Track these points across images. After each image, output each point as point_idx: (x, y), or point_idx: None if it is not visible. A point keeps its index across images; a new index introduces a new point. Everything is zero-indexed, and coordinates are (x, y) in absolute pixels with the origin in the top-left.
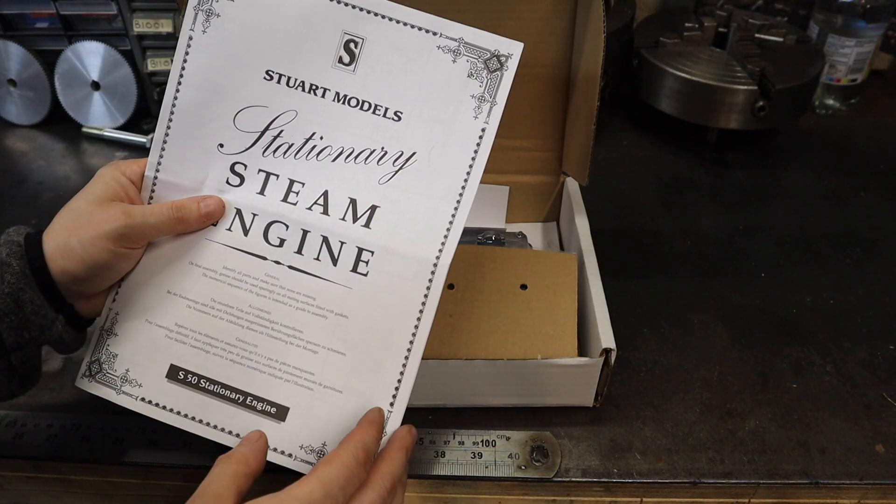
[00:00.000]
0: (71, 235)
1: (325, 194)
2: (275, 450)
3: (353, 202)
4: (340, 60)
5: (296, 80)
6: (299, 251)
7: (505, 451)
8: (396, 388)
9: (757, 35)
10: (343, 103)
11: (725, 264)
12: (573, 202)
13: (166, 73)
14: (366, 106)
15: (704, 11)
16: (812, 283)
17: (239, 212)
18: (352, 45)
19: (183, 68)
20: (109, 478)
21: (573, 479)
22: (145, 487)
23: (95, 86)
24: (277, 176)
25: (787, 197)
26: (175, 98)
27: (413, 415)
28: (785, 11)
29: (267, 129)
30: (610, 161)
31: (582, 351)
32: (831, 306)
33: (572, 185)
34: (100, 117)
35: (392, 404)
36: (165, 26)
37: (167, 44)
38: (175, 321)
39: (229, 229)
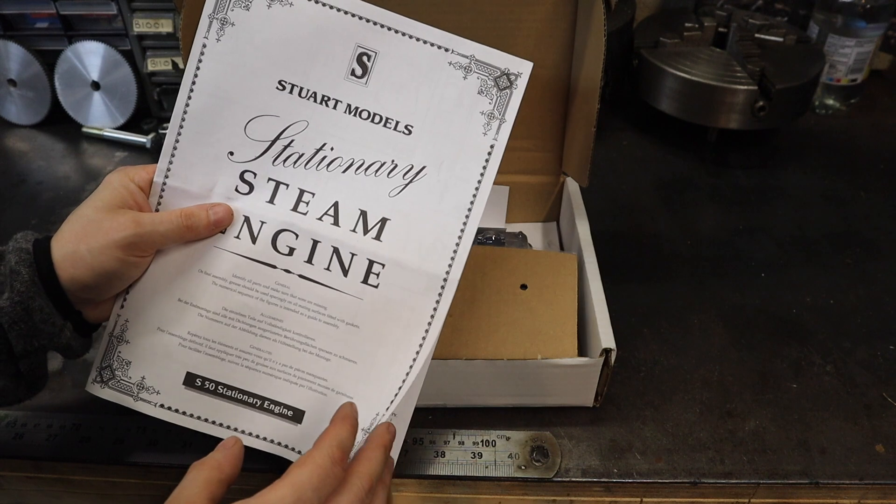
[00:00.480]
0: (80, 243)
1: (336, 205)
2: (293, 449)
3: (363, 214)
4: (353, 73)
5: (308, 90)
6: (309, 261)
7: (505, 451)
8: (395, 395)
9: (757, 35)
10: (354, 115)
11: (725, 264)
12: (573, 202)
13: (166, 73)
14: (377, 119)
15: (704, 11)
16: (812, 283)
17: (247, 219)
18: (365, 59)
19: (196, 75)
20: (109, 478)
21: (573, 479)
22: (145, 487)
23: (95, 86)
24: (287, 185)
25: (787, 197)
26: (187, 105)
27: (413, 415)
28: (785, 11)
29: (278, 138)
30: (610, 161)
31: (582, 351)
32: (831, 306)
33: (572, 186)
34: (100, 117)
35: (387, 409)
36: (165, 26)
37: (167, 44)
38: (188, 330)
39: (237, 237)
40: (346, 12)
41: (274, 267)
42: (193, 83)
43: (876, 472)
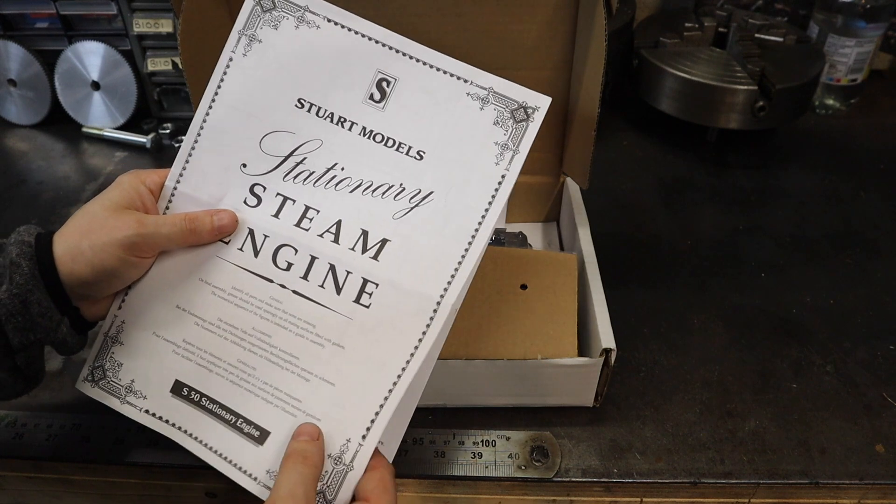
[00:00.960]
0: (83, 239)
1: (339, 223)
2: (245, 472)
3: (364, 233)
4: (371, 97)
5: (326, 110)
6: (305, 276)
7: (505, 451)
8: (372, 421)
9: (757, 35)
10: (368, 138)
11: (725, 264)
12: (573, 202)
13: (166, 73)
14: (390, 143)
15: (704, 11)
16: (812, 283)
17: (251, 232)
18: (384, 84)
19: (219, 87)
20: (109, 478)
21: (573, 479)
22: (145, 487)
23: (95, 86)
24: (294, 201)
25: (787, 197)
26: (207, 114)
27: (413, 415)
28: (785, 11)
29: (291, 154)
30: (610, 161)
31: (582, 351)
32: (831, 306)
33: (572, 186)
34: (100, 117)
35: (364, 437)
36: (165, 26)
37: (167, 44)
38: (183, 337)
39: (241, 249)
40: (370, 38)
41: (271, 281)
42: (216, 94)
43: (876, 472)
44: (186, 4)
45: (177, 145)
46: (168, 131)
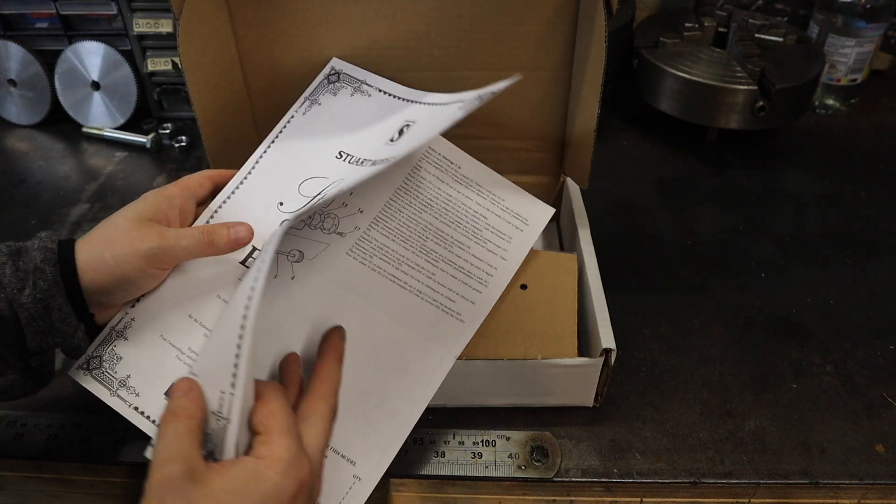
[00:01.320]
0: (105, 249)
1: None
2: None
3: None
4: (391, 139)
5: (358, 158)
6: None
7: (505, 451)
8: (235, 366)
9: (757, 35)
10: (374, 165)
11: (725, 264)
12: (573, 202)
13: (166, 73)
14: (385, 162)
15: (704, 11)
16: (812, 283)
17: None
18: (404, 128)
19: (277, 136)
20: (109, 478)
21: (573, 479)
22: None
23: (95, 86)
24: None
25: (787, 197)
26: (262, 154)
27: None
28: (785, 11)
29: (319, 194)
30: (610, 161)
31: (582, 351)
32: (831, 306)
33: (572, 186)
34: (100, 117)
35: (233, 385)
36: (165, 26)
37: (167, 44)
38: (189, 345)
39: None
40: (407, 100)
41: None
42: (274, 140)
43: (876, 472)
44: (186, 6)
45: (177, 146)
46: (168, 131)
